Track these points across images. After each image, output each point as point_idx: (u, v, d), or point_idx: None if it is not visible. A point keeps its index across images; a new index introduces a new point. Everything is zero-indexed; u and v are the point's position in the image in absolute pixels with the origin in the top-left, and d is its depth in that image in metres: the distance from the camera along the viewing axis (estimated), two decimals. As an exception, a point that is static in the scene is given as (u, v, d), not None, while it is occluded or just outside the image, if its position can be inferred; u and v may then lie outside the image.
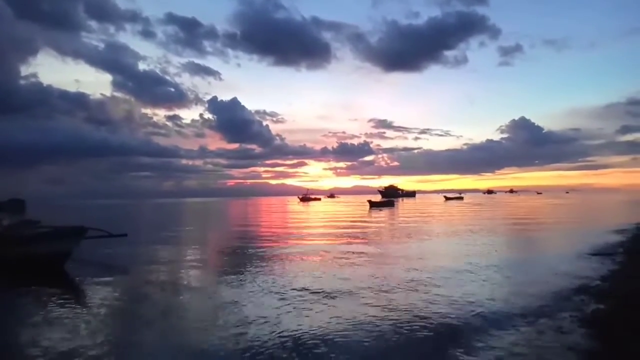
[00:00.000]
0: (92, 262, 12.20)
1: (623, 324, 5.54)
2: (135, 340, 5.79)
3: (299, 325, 5.95)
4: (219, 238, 20.36)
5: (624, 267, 9.99)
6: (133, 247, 14.96)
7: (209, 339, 5.54)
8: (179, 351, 5.29)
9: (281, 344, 5.28)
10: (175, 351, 5.30)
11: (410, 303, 7.07)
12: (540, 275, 9.51)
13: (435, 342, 5.32)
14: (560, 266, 10.35)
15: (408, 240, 16.58)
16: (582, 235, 18.00)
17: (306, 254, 13.28)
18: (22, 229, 12.85)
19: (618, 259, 11.20)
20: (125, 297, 8.40)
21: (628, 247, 13.43)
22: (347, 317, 6.32)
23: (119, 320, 6.83)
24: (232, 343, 5.36)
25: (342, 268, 10.66)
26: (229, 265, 11.64)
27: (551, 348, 5.02)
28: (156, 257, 13.39)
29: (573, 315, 6.22)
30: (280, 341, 5.37)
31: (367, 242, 16.44)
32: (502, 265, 10.70)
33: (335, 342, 5.31)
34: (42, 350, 5.30)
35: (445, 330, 5.72)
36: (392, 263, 11.40)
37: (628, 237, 16.05)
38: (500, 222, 26.86)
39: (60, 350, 5.25)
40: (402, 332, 5.67)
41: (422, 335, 5.55)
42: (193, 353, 5.21)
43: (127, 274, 11.00)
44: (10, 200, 66.07)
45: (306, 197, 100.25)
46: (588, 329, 5.58)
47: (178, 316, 6.83)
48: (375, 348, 5.15)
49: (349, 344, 5.27)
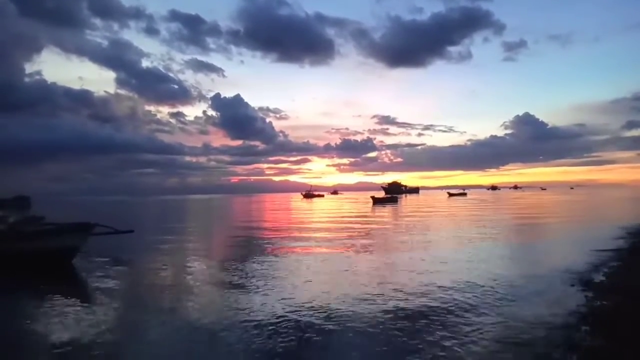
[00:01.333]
0: (100, 257, 12.32)
1: (627, 320, 5.58)
2: (142, 333, 5.90)
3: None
4: (223, 235, 20.46)
5: (628, 263, 10.00)
6: (140, 243, 15.09)
7: (216, 329, 5.64)
8: (185, 345, 5.37)
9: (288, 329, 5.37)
10: (182, 345, 5.39)
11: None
12: (544, 270, 9.55)
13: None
14: (565, 262, 10.37)
15: (410, 243, 16.61)
16: (586, 231, 18.01)
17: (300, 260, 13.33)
18: (27, 226, 13.00)
19: (622, 255, 11.21)
20: (133, 292, 8.52)
21: (632, 243, 13.43)
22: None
23: (126, 315, 6.92)
24: (239, 337, 5.45)
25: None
26: (234, 261, 11.71)
27: (555, 344, 5.06)
28: (163, 253, 13.51)
29: (578, 311, 6.26)
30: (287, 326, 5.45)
31: (370, 249, 16.47)
32: (504, 261, 10.75)
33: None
34: (50, 344, 5.40)
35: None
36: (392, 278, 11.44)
37: (632, 233, 16.02)
38: (504, 219, 26.84)
39: (68, 344, 5.34)
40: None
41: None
42: (201, 347, 5.29)
43: (134, 270, 11.12)
44: (16, 198, 66.70)
45: (309, 193, 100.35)
46: (592, 325, 5.62)
47: (184, 310, 6.90)
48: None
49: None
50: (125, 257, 12.66)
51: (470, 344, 5.06)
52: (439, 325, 5.76)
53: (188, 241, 17.06)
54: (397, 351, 4.95)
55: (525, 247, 14.54)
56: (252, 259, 11.68)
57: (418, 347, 5.01)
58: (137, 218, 35.86)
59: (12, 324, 6.53)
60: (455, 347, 4.96)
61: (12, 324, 6.57)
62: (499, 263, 10.52)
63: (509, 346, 5.01)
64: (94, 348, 5.22)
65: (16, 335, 5.99)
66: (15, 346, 5.55)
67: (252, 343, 5.24)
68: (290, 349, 5.06)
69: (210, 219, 33.05)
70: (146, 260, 12.13)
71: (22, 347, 5.55)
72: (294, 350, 5.04)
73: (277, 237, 17.12)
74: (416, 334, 5.46)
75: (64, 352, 5.14)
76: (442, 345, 5.02)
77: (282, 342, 5.26)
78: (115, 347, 5.36)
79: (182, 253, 13.53)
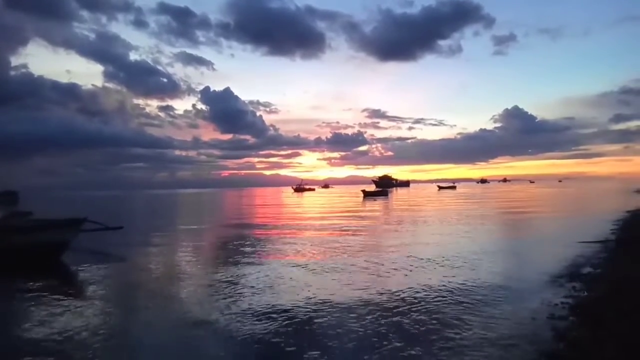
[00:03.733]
0: (89, 253, 12.20)
1: (613, 310, 5.67)
2: (132, 328, 5.87)
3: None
4: (213, 229, 20.37)
5: (614, 254, 10.17)
6: (129, 239, 14.96)
7: (205, 321, 5.64)
8: (175, 339, 5.36)
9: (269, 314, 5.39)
10: (171, 339, 5.38)
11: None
12: (531, 263, 9.69)
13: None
14: (552, 253, 10.53)
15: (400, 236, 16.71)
16: (574, 223, 18.29)
17: (287, 250, 13.36)
18: (13, 221, 12.81)
19: (609, 246, 11.39)
20: (122, 287, 8.46)
21: (619, 234, 13.65)
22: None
23: (115, 310, 6.83)
24: (226, 322, 5.46)
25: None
26: (222, 254, 11.69)
27: (543, 334, 5.14)
28: (151, 248, 13.42)
29: (564, 302, 6.35)
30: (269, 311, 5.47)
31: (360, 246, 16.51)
32: (493, 252, 10.89)
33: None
34: (39, 342, 5.32)
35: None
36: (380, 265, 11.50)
37: (619, 224, 16.29)
38: (493, 211, 27.12)
39: (57, 342, 5.28)
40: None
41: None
42: (189, 341, 5.28)
43: (123, 264, 11.02)
44: (3, 192, 65.49)
45: (300, 187, 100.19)
46: (579, 316, 5.71)
47: (173, 303, 6.87)
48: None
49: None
50: (115, 253, 12.53)
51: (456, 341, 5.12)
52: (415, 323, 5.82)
53: (178, 237, 16.95)
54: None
55: (512, 239, 14.69)
56: (239, 257, 11.65)
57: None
58: (127, 213, 35.54)
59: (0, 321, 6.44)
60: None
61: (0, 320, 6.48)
62: (488, 257, 10.62)
63: (495, 339, 5.08)
64: (83, 343, 5.17)
65: (3, 332, 5.92)
66: (1, 344, 5.49)
67: (237, 332, 5.26)
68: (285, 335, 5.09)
69: (200, 214, 32.87)
70: (135, 256, 12.02)
71: (8, 344, 5.47)
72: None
73: (266, 235, 17.07)
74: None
75: (51, 347, 5.08)
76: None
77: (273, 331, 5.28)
78: (103, 342, 5.31)
79: (172, 248, 13.45)
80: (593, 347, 4.55)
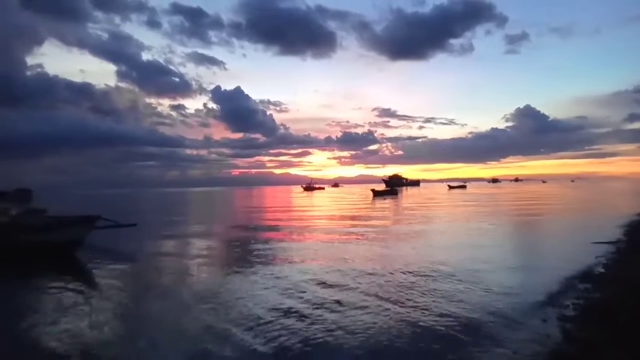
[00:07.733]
0: (103, 250, 12.40)
1: (625, 311, 5.63)
2: (144, 324, 5.97)
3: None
4: (224, 228, 20.51)
5: (627, 255, 10.05)
6: (142, 236, 15.16)
7: (215, 322, 5.72)
8: (186, 335, 5.45)
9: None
10: (182, 335, 5.47)
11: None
12: (544, 263, 9.62)
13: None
14: (564, 254, 10.44)
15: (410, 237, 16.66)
16: (587, 224, 18.05)
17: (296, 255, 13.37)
18: (28, 218, 13.06)
19: (621, 246, 11.25)
20: (134, 285, 8.58)
21: (631, 235, 13.46)
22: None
23: (128, 305, 6.96)
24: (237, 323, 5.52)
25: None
26: (233, 254, 11.79)
27: (554, 335, 5.12)
28: (164, 245, 13.61)
29: (576, 303, 6.31)
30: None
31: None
32: (505, 253, 10.84)
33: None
34: (53, 336, 5.46)
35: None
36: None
37: (632, 225, 16.05)
38: (505, 211, 26.88)
39: (71, 335, 5.42)
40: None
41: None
42: (200, 339, 5.36)
43: (136, 262, 11.20)
44: (18, 190, 66.41)
45: (310, 186, 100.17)
46: (591, 316, 5.68)
47: (184, 300, 6.96)
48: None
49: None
50: (128, 250, 12.72)
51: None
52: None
53: (189, 235, 17.12)
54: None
55: (526, 239, 14.60)
56: (249, 261, 11.72)
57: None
58: (139, 211, 35.92)
59: (15, 316, 6.58)
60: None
61: (15, 315, 6.61)
62: (505, 256, 10.58)
63: (505, 340, 5.09)
64: (94, 338, 5.30)
65: (18, 326, 6.05)
66: (17, 337, 5.61)
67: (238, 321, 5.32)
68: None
69: (210, 213, 33.10)
70: (148, 254, 12.19)
71: (23, 338, 5.60)
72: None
73: (273, 237, 17.15)
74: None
75: (65, 342, 5.21)
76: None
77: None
78: (116, 337, 5.43)
79: (183, 247, 13.61)
80: (604, 349, 4.53)
